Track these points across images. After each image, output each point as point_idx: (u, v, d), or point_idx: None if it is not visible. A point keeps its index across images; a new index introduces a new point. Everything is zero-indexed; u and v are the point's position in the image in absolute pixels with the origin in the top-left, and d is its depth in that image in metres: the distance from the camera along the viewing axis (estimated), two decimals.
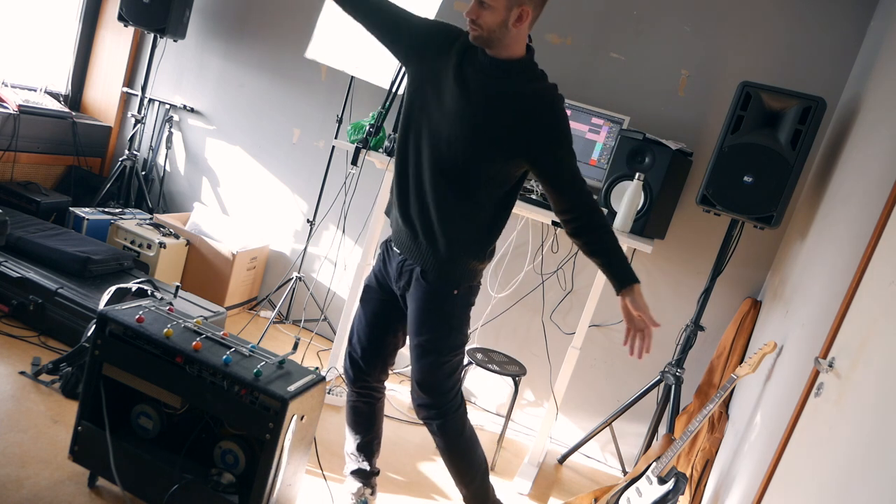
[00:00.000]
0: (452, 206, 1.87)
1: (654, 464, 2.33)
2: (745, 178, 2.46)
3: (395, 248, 2.02)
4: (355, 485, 2.29)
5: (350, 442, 2.28)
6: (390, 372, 2.27)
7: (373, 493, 2.31)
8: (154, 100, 4.11)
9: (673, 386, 2.76)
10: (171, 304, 2.45)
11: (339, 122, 3.53)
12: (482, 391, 3.56)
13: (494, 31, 1.72)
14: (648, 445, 2.88)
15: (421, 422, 2.14)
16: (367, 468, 2.29)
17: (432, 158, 1.85)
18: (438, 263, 1.92)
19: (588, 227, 1.87)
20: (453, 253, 1.91)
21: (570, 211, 1.88)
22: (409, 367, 2.11)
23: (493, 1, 1.67)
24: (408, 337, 2.07)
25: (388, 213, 2.08)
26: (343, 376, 2.20)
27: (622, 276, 1.88)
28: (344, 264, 3.76)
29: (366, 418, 2.24)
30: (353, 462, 2.29)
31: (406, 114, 1.89)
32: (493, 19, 1.69)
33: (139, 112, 3.97)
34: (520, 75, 1.80)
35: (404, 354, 3.69)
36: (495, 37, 1.73)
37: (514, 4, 1.69)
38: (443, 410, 2.05)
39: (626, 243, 2.69)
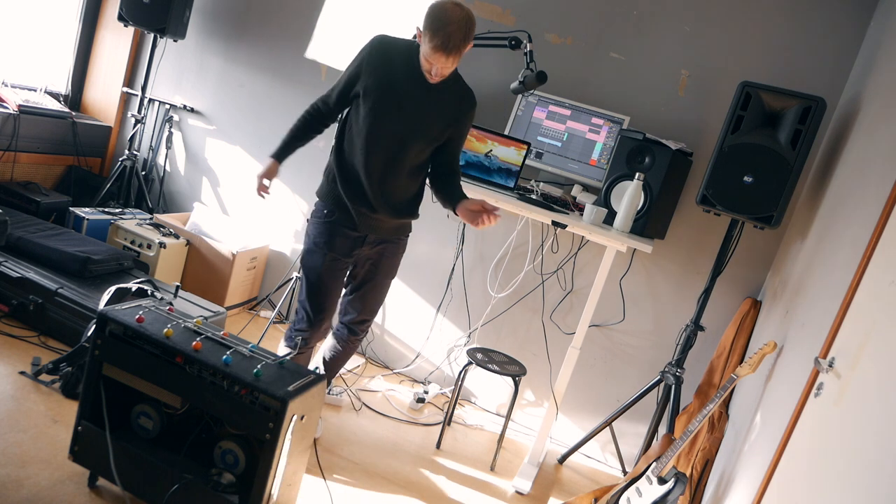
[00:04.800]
0: (414, 181, 2.39)
1: (654, 464, 2.33)
2: (745, 178, 2.46)
3: (361, 221, 2.34)
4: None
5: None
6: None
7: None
8: (154, 100, 4.11)
9: (673, 386, 2.76)
10: (171, 304, 2.46)
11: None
12: (482, 391, 3.56)
13: (450, 72, 2.18)
14: (648, 445, 2.88)
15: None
16: None
17: (400, 149, 2.25)
18: (405, 225, 2.47)
19: (456, 176, 2.42)
20: (412, 215, 2.45)
21: (455, 163, 2.43)
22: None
23: (455, 61, 2.13)
24: (370, 280, 2.47)
25: (336, 199, 2.34)
26: (303, 338, 2.44)
27: (457, 198, 2.32)
28: None
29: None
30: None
31: (376, 117, 2.23)
32: (453, 67, 2.16)
33: (139, 112, 3.97)
34: (456, 81, 2.30)
35: (400, 352, 3.69)
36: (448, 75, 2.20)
37: (465, 49, 2.12)
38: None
39: (627, 243, 2.70)
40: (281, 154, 2.44)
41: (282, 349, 2.47)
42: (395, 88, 2.21)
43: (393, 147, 2.26)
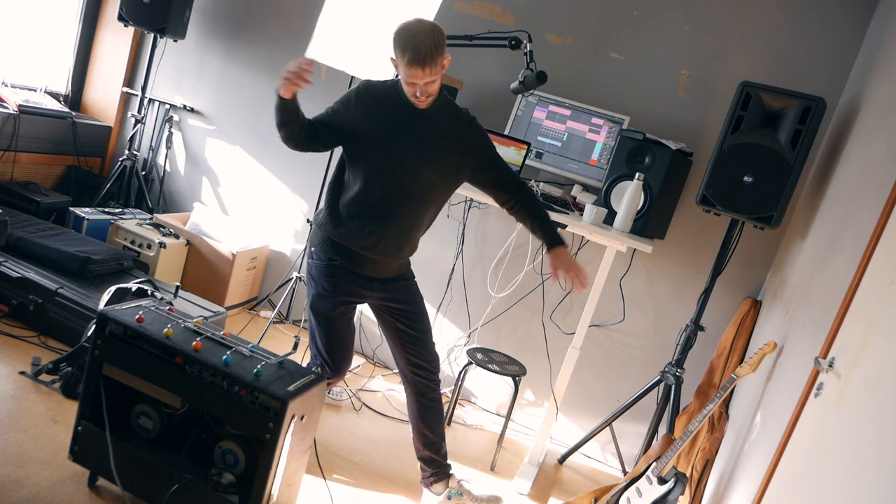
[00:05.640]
0: (429, 219, 2.31)
1: (654, 464, 2.33)
2: (745, 178, 2.46)
3: (367, 264, 2.23)
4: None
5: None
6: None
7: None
8: (154, 100, 4.11)
9: (673, 386, 2.76)
10: (171, 304, 2.46)
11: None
12: (482, 391, 3.56)
13: (436, 92, 2.12)
14: (648, 445, 2.88)
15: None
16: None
17: (414, 183, 2.18)
18: (405, 263, 2.37)
19: (527, 196, 2.31)
20: (413, 252, 2.36)
21: (511, 183, 2.31)
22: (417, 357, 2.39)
23: (437, 75, 2.05)
24: (408, 325, 2.35)
25: (336, 245, 2.22)
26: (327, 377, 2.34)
27: (552, 239, 2.27)
28: None
29: None
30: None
31: (379, 162, 2.16)
32: (438, 84, 2.10)
33: (139, 112, 3.97)
34: (449, 105, 2.23)
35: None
36: (435, 96, 2.14)
37: (442, 62, 2.05)
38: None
39: (627, 243, 2.70)
40: (297, 105, 2.13)
41: None
42: (390, 126, 2.15)
43: (404, 181, 2.16)
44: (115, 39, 4.16)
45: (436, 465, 2.48)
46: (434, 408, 2.44)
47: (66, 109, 3.97)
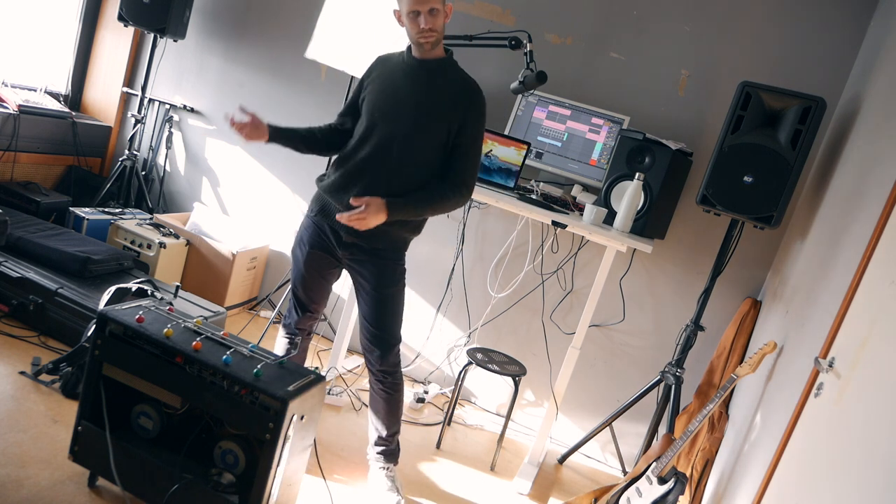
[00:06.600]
0: (400, 184, 2.27)
1: (654, 464, 2.33)
2: (745, 178, 2.46)
3: (333, 217, 2.27)
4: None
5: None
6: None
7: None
8: (154, 100, 4.11)
9: (673, 386, 2.76)
10: (171, 304, 2.46)
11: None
12: (482, 391, 3.56)
13: (441, 31, 2.17)
14: (648, 445, 2.88)
15: (384, 388, 2.54)
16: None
17: (391, 146, 2.22)
18: (382, 235, 2.32)
19: (441, 186, 2.26)
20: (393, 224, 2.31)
21: (448, 175, 2.27)
22: (405, 364, 2.33)
23: (441, 6, 2.12)
24: (363, 307, 2.41)
25: (319, 197, 2.38)
26: (287, 325, 2.52)
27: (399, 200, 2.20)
28: None
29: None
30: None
31: (369, 118, 2.26)
32: (441, 20, 2.15)
33: (139, 112, 3.97)
34: (453, 69, 2.28)
35: (406, 356, 3.68)
36: (440, 35, 2.17)
37: (445, 2, 2.15)
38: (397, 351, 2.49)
39: (627, 243, 2.70)
40: (277, 132, 2.41)
41: (279, 339, 2.54)
42: (389, 85, 2.27)
43: (385, 139, 2.22)
44: (115, 39, 4.16)
45: (375, 454, 2.52)
46: (374, 396, 2.52)
47: (66, 109, 3.97)
